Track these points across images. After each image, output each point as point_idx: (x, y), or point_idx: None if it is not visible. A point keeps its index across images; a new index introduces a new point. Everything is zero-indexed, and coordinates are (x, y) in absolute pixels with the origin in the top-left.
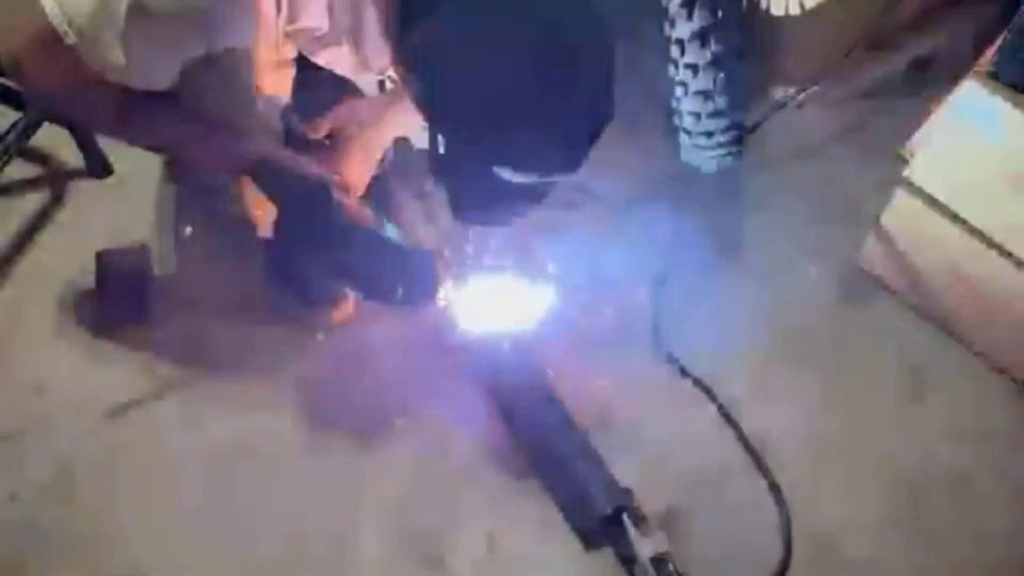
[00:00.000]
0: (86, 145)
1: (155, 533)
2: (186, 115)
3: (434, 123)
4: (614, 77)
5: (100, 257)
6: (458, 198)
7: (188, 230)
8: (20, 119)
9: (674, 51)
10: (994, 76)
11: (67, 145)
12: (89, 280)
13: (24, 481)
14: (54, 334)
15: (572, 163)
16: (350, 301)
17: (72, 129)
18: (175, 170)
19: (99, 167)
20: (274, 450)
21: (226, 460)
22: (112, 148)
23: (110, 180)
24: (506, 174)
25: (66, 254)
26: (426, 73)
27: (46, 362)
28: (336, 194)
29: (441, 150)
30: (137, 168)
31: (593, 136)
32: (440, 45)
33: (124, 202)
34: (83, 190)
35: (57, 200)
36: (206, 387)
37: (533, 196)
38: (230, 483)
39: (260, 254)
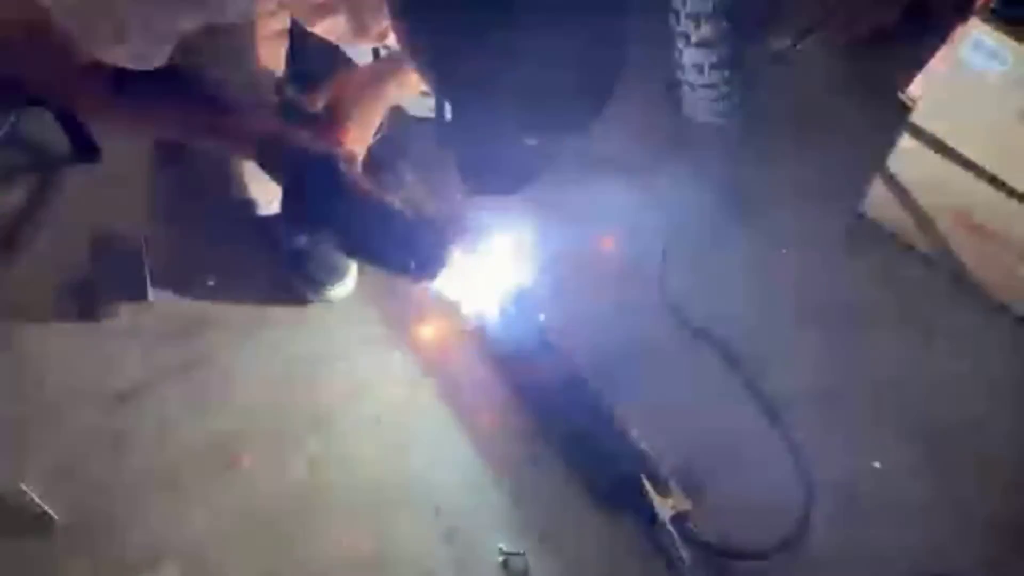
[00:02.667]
0: (73, 130)
1: (164, 516)
2: (183, 94)
3: (438, 88)
4: (625, 26)
5: (95, 242)
6: (465, 166)
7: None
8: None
9: (675, 1)
10: (995, 14)
11: (55, 131)
12: (85, 266)
13: (30, 469)
14: (53, 321)
15: (589, 117)
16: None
17: (59, 114)
18: (166, 151)
19: (87, 152)
20: (280, 429)
21: (231, 440)
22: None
23: (99, 164)
24: (516, 136)
25: (60, 241)
26: (426, 34)
27: (46, 349)
28: (342, 167)
29: (447, 117)
30: (126, 151)
31: (608, 88)
32: (439, 2)
33: (115, 186)
34: (73, 175)
35: (47, 186)
36: (208, 368)
37: (542, 162)
38: (236, 463)
39: (264, 232)
